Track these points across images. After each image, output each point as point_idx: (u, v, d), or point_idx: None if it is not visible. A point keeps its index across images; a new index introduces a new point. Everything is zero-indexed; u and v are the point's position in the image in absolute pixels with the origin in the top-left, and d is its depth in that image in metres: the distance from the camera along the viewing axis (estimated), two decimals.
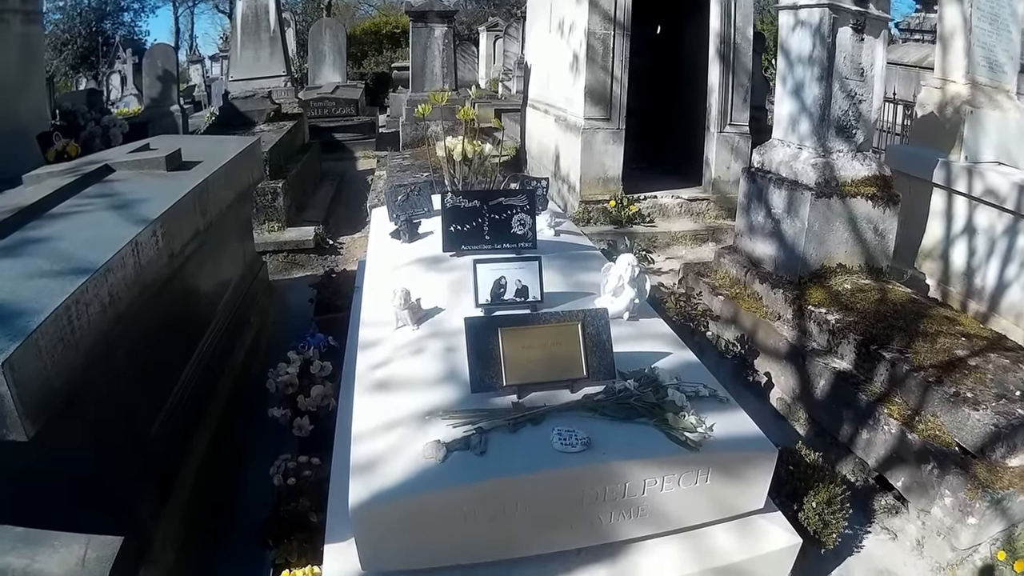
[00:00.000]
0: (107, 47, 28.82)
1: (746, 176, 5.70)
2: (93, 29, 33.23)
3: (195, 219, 3.92)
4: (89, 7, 34.51)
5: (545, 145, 10.03)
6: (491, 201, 3.94)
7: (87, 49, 31.86)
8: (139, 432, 3.20)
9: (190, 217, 3.84)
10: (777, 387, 4.84)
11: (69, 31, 32.54)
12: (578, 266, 3.95)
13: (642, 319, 3.39)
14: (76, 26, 32.83)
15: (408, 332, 3.25)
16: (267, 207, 7.91)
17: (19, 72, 6.90)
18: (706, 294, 5.70)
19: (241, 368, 4.64)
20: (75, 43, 32.13)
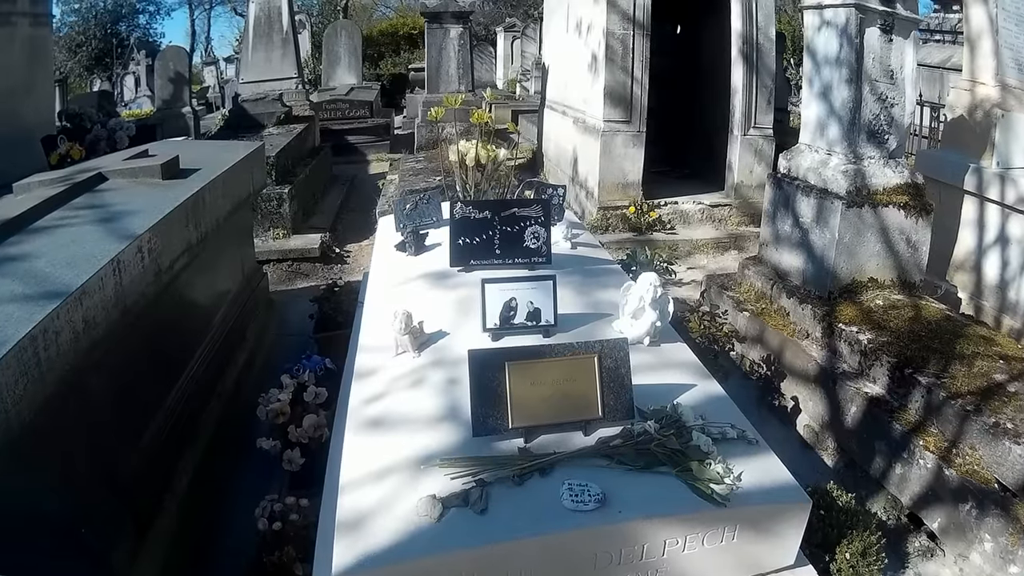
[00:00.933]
0: (122, 49, 28.92)
1: (772, 183, 5.43)
2: (108, 31, 33.35)
3: (187, 232, 3.71)
4: (104, 9, 34.67)
5: (563, 148, 9.81)
6: (503, 212, 3.70)
7: (102, 51, 32.03)
8: (114, 470, 2.97)
9: (181, 230, 3.63)
10: (804, 412, 4.56)
11: (84, 33, 32.75)
12: (596, 283, 3.69)
13: (664, 344, 3.12)
14: (91, 28, 32.99)
15: (408, 359, 3.01)
16: (272, 213, 7.72)
17: (26, 75, 6.86)
18: (730, 309, 5.42)
19: (232, 391, 4.40)
20: (90, 45, 32.31)
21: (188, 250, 3.71)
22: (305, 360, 4.16)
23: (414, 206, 4.47)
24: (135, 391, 3.26)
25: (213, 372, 4.28)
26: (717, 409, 2.64)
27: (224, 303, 4.79)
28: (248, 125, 9.66)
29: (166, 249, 3.39)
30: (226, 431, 4.07)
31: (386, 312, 3.28)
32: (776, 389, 4.78)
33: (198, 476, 3.61)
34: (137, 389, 3.29)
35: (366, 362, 3.09)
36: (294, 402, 3.87)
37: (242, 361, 4.77)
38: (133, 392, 3.23)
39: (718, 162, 8.63)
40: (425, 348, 3.06)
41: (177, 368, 3.87)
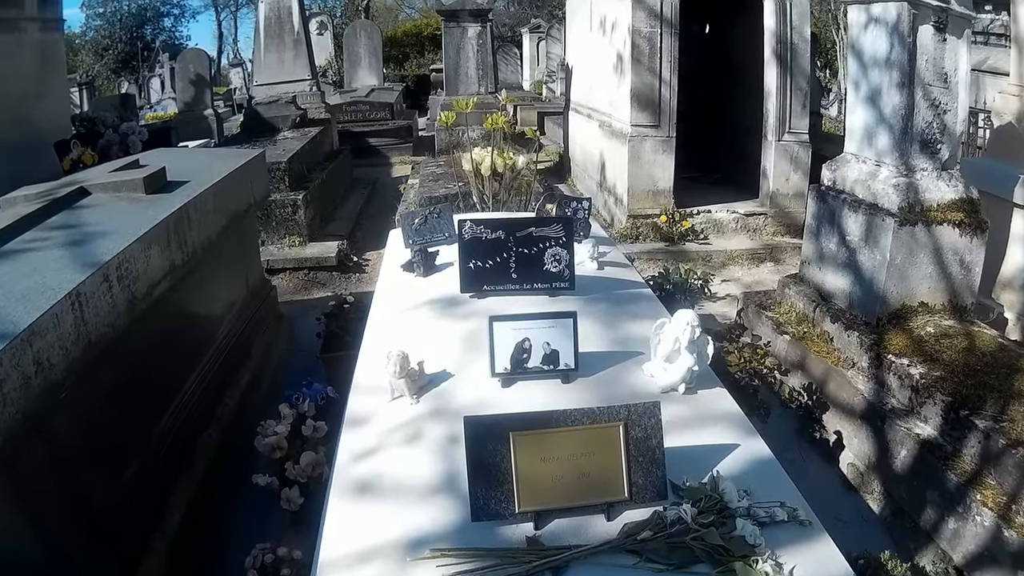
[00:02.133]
0: (147, 52, 29.10)
1: (815, 196, 5.03)
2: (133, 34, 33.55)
3: (169, 253, 3.41)
4: (129, 13, 34.82)
5: (589, 152, 9.50)
6: (519, 232, 3.32)
7: (128, 54, 32.32)
8: (94, 512, 2.78)
9: (162, 252, 3.33)
10: (849, 450, 4.19)
11: (109, 36, 33.17)
12: (624, 312, 3.31)
13: (701, 390, 2.72)
14: (116, 31, 33.25)
15: (405, 406, 2.63)
16: (287, 220, 7.47)
17: (37, 80, 6.97)
18: (769, 331, 5.04)
19: (233, 415, 4.12)
20: (115, 48, 32.70)
21: (171, 272, 3.42)
22: (305, 388, 3.84)
23: (423, 221, 4.10)
24: (114, 425, 3.01)
25: (211, 396, 4.03)
26: (764, 478, 2.25)
27: (225, 321, 4.51)
28: (262, 129, 9.45)
29: (142, 275, 3.11)
30: (225, 459, 3.82)
31: (386, 345, 2.94)
32: (818, 421, 4.42)
33: (192, 511, 3.37)
34: (116, 423, 3.03)
35: (359, 407, 2.72)
36: (293, 434, 3.58)
37: (246, 381, 4.49)
38: (111, 427, 2.98)
39: (751, 168, 8.26)
40: (426, 392, 2.70)
41: (167, 395, 3.61)
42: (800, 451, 4.27)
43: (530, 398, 2.58)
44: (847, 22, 5.00)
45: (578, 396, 2.60)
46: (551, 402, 2.53)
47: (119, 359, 3.02)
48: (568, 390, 2.64)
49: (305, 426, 3.56)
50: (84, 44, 34.75)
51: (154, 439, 3.36)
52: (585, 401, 2.53)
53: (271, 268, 7.04)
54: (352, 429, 2.59)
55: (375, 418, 2.62)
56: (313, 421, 3.58)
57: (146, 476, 3.18)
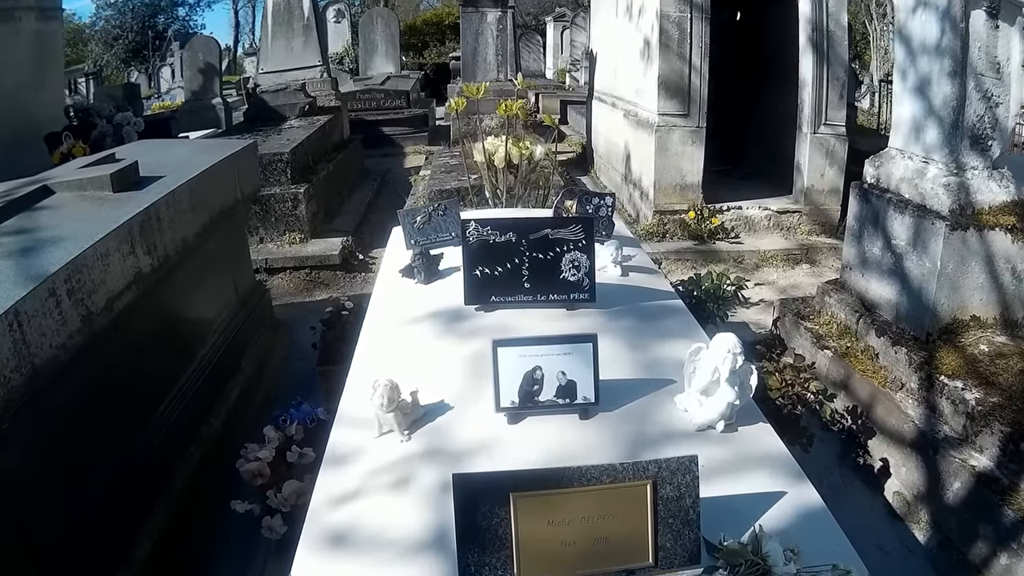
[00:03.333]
0: (159, 41, 28.98)
1: (857, 194, 4.61)
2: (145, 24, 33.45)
3: (134, 260, 3.05)
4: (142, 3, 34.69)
5: (613, 143, 9.13)
6: (532, 234, 2.90)
7: (139, 44, 32.20)
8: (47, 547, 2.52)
9: (124, 258, 2.97)
10: (895, 478, 3.82)
11: (120, 26, 33.04)
12: (653, 330, 2.88)
13: (742, 427, 2.30)
14: (128, 21, 33.09)
15: (394, 442, 2.24)
16: (287, 216, 7.09)
17: (33, 71, 6.88)
18: (808, 345, 4.64)
19: (219, 434, 3.78)
20: (126, 38, 32.65)
21: (137, 281, 3.06)
22: (293, 409, 3.43)
23: (427, 219, 3.70)
24: (73, 452, 2.71)
25: (193, 414, 3.68)
26: (814, 532, 1.85)
27: (209, 331, 4.15)
28: (268, 118, 9.11)
29: (99, 286, 2.76)
30: (208, 482, 3.48)
31: (376, 368, 2.54)
32: (862, 446, 4.03)
33: (165, 539, 3.06)
34: (76, 449, 2.73)
35: (342, 441, 2.33)
36: (279, 459, 3.20)
37: (235, 396, 4.13)
38: (69, 454, 2.69)
39: (784, 162, 7.85)
40: (420, 427, 2.30)
41: (139, 416, 3.27)
42: (842, 477, 3.95)
43: (542, 437, 2.20)
44: (894, 5, 4.69)
45: (598, 435, 2.21)
46: (566, 442, 2.16)
47: (75, 382, 2.70)
48: (587, 427, 2.24)
49: (291, 452, 3.14)
50: (94, 34, 34.62)
51: (123, 464, 3.03)
52: (606, 442, 2.16)
53: (270, 268, 6.75)
54: (331, 468, 2.20)
55: (359, 455, 2.23)
56: (299, 447, 3.17)
57: (111, 504, 2.87)
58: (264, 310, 5.16)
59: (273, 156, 7.12)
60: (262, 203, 6.91)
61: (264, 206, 6.95)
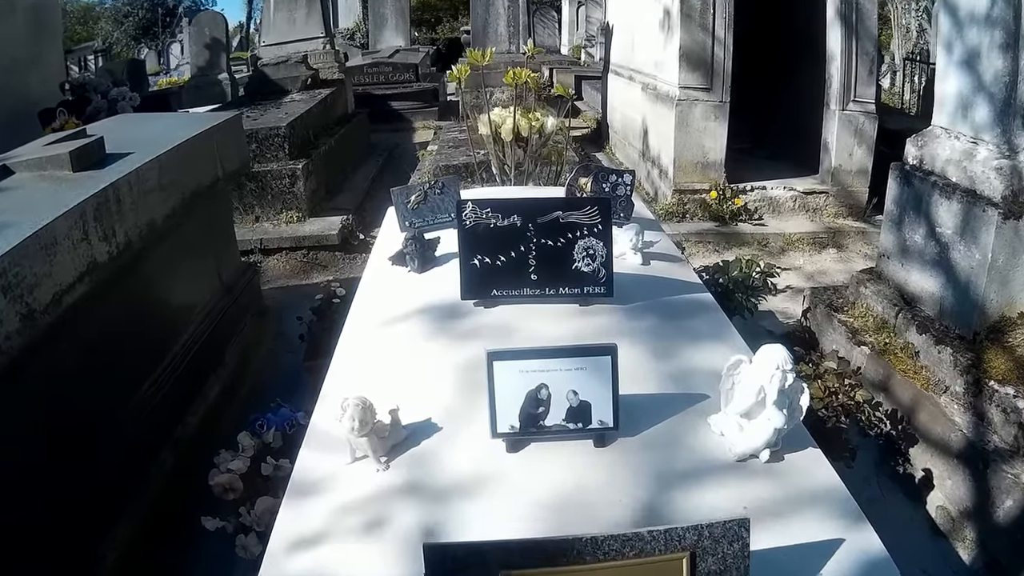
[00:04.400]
0: (170, 18, 28.77)
1: (898, 175, 4.24)
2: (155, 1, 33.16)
3: (87, 248, 2.69)
4: None
5: (630, 118, 8.76)
6: (541, 217, 2.52)
7: (150, 21, 32.00)
8: None
9: (74, 247, 2.62)
10: (939, 491, 3.47)
11: (131, 3, 32.88)
12: (681, 332, 2.49)
13: (788, 455, 1.91)
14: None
15: (370, 470, 1.87)
16: (284, 193, 6.74)
17: (29, 46, 6.79)
18: (843, 340, 4.26)
19: (193, 439, 3.44)
20: (136, 15, 32.43)
21: (91, 272, 2.71)
22: (271, 414, 3.08)
23: (422, 198, 3.34)
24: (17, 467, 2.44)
25: (166, 415, 3.36)
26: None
27: (185, 323, 3.81)
28: (269, 91, 8.75)
29: (43, 280, 2.43)
30: (181, 489, 3.15)
31: (355, 377, 2.18)
32: (903, 454, 3.69)
33: (130, 553, 2.79)
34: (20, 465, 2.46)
35: (309, 467, 1.97)
36: (254, 470, 2.85)
37: (215, 394, 3.80)
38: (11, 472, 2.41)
39: (809, 140, 7.45)
40: (401, 451, 1.94)
41: (99, 419, 2.93)
42: (881, 487, 3.61)
43: (548, 470, 1.83)
44: None
45: (617, 467, 1.83)
46: (578, 476, 1.80)
47: (17, 390, 2.41)
48: (603, 457, 1.87)
49: (265, 463, 2.79)
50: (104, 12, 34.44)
51: (82, 475, 2.72)
52: (627, 476, 1.78)
53: (265, 248, 6.42)
54: (295, 501, 1.83)
55: (328, 486, 1.87)
56: (274, 459, 2.80)
57: (66, 517, 2.59)
58: (252, 297, 4.83)
59: (269, 131, 6.82)
60: (258, 180, 6.62)
61: (260, 183, 6.64)
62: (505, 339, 2.34)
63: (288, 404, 3.21)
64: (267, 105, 8.09)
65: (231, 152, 4.22)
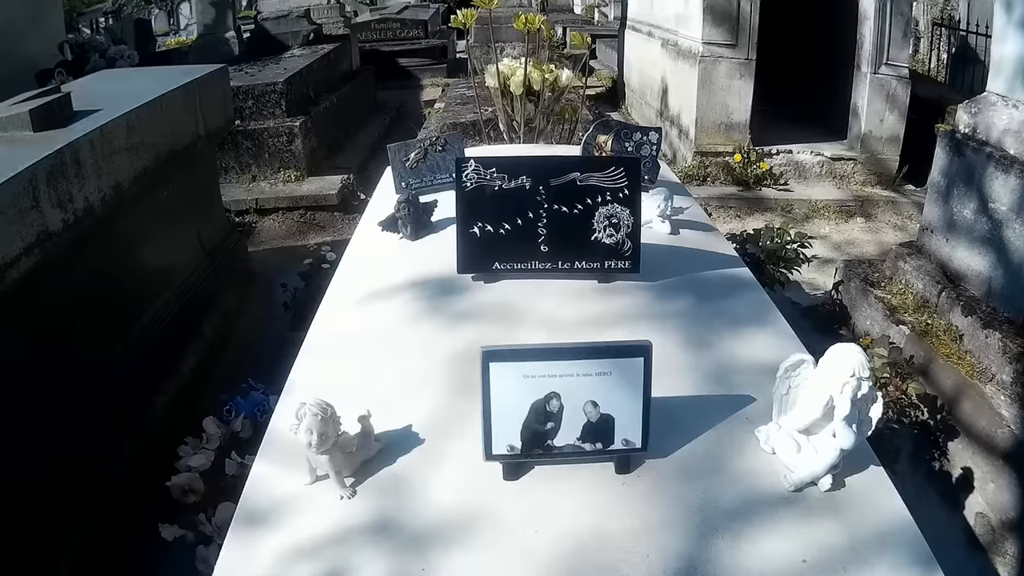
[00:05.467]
0: None
1: (947, 144, 3.90)
2: None
3: (37, 217, 2.44)
4: None
5: (648, 76, 8.41)
6: (554, 179, 2.18)
7: None
8: None
9: (21, 216, 2.38)
10: (979, 495, 3.15)
11: None
12: (718, 315, 2.13)
13: (849, 478, 1.54)
14: None
15: (333, 496, 1.52)
16: (281, 152, 6.49)
17: (27, 5, 6.71)
18: (879, 318, 3.93)
19: (161, 426, 3.08)
20: None
21: (42, 243, 2.45)
22: (240, 397, 2.76)
23: (422, 155, 3.00)
24: None
25: (131, 398, 3.04)
26: None
27: (159, 293, 3.51)
28: (270, 47, 8.51)
29: None
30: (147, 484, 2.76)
31: (327, 370, 1.89)
32: (940, 448, 3.36)
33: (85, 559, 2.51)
34: None
35: (262, 488, 1.62)
36: (219, 466, 2.53)
37: (189, 369, 3.48)
38: None
39: (837, 103, 7.08)
40: (373, 470, 1.59)
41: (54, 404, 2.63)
42: (914, 485, 3.27)
43: (555, 506, 1.48)
44: None
45: (644, 504, 1.47)
46: (597, 514, 1.44)
47: None
48: (626, 490, 1.51)
49: (230, 459, 2.43)
50: None
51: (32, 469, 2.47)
52: (656, 519, 1.42)
53: (261, 208, 6.16)
54: (240, 535, 1.50)
55: (281, 515, 1.53)
56: (239, 455, 2.45)
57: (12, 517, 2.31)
58: (238, 262, 4.54)
59: (266, 87, 6.55)
60: (254, 138, 6.38)
61: (256, 141, 6.40)
62: (507, 322, 2.00)
63: (263, 384, 2.90)
64: (267, 61, 7.84)
65: (214, 109, 3.92)
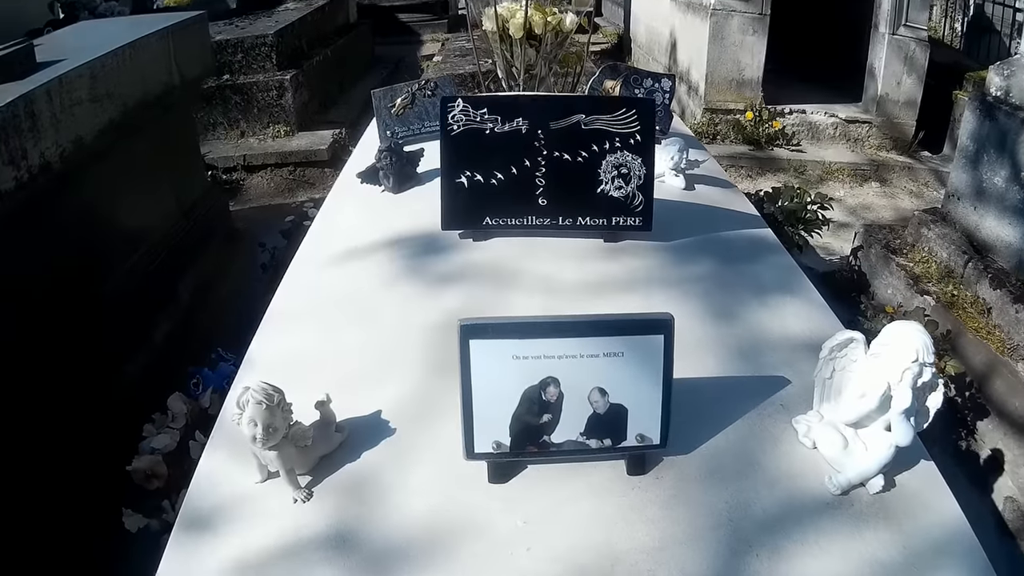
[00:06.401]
0: None
1: (977, 106, 3.64)
2: None
3: None
4: None
5: (656, 31, 8.13)
6: (555, 122, 1.94)
7: None
8: None
9: None
10: (1009, 478, 2.96)
11: None
12: (741, 280, 1.90)
13: (899, 476, 1.32)
14: None
15: (285, 499, 1.29)
16: (271, 106, 6.25)
17: None
18: (902, 287, 3.72)
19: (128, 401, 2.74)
20: None
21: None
22: (208, 369, 2.52)
23: (409, 101, 2.79)
24: None
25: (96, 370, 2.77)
26: None
27: (130, 257, 3.29)
28: (265, 1, 8.10)
29: None
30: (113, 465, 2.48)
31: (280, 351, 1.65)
32: (968, 427, 3.16)
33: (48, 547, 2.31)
34: None
35: (208, 487, 1.37)
36: (181, 450, 2.30)
37: (162, 337, 3.24)
38: None
39: (852, 64, 6.78)
40: (333, 467, 1.35)
41: None
42: (941, 465, 3.01)
43: (552, 515, 1.24)
44: None
45: (662, 513, 1.24)
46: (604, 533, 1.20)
47: None
48: (641, 497, 1.27)
49: (194, 441, 2.27)
50: None
51: None
52: (679, 533, 1.19)
53: (249, 165, 5.95)
54: (181, 546, 1.25)
55: (227, 520, 1.29)
56: (204, 435, 2.17)
57: None
58: (219, 220, 4.29)
59: (256, 39, 6.30)
60: (243, 92, 6.15)
61: (245, 96, 6.17)
62: (497, 287, 1.76)
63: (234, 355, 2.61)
64: (259, 14, 7.55)
65: (191, 58, 3.68)
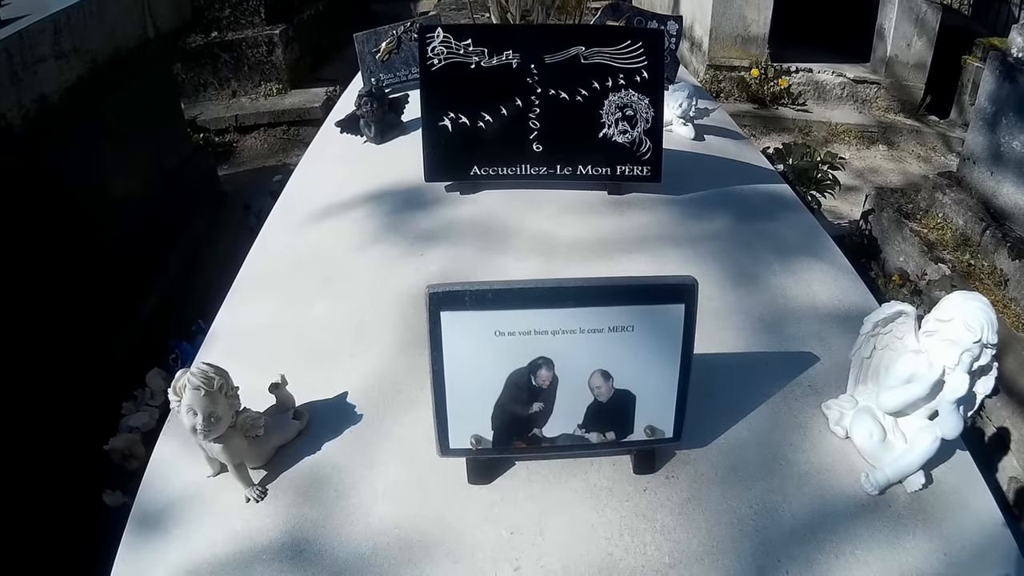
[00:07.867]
0: None
1: (997, 66, 3.51)
2: None
3: None
4: None
5: None
6: (550, 55, 1.79)
7: None
8: None
9: None
10: (1015, 457, 2.85)
11: None
12: (759, 238, 1.74)
13: (936, 471, 1.21)
14: None
15: (234, 492, 1.18)
16: (261, 63, 6.02)
17: None
18: (916, 254, 3.60)
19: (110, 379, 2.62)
20: None
21: None
22: (187, 343, 2.44)
23: (395, 45, 2.65)
24: None
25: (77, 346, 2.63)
26: None
27: (108, 224, 3.09)
28: None
29: None
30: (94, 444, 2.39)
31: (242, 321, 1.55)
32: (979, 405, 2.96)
33: None
34: None
35: (161, 474, 1.26)
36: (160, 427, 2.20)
37: (150, 310, 3.09)
38: None
39: (860, 24, 6.58)
40: (291, 460, 1.23)
41: None
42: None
43: (543, 522, 1.11)
44: None
45: (676, 520, 1.11)
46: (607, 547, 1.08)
47: None
48: (651, 499, 1.14)
49: None
50: None
51: None
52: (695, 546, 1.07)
53: (241, 126, 5.76)
54: (132, 548, 1.15)
55: (177, 520, 1.18)
56: None
57: None
58: (205, 183, 4.10)
59: None
60: (232, 50, 5.91)
61: (235, 53, 5.93)
62: (487, 246, 1.61)
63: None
64: None
65: (166, 8, 3.47)
